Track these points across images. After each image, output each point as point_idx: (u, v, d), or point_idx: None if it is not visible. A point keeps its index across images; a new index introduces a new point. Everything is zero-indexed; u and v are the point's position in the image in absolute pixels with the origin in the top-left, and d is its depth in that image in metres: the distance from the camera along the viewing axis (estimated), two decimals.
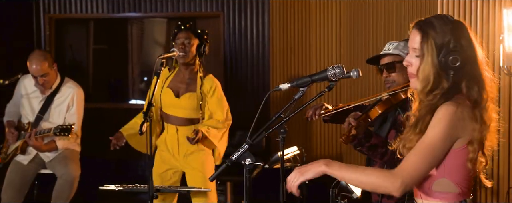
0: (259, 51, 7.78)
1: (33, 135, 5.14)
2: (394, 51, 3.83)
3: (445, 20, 2.50)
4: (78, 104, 5.42)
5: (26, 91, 5.46)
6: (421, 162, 2.41)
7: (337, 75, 2.96)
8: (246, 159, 3.04)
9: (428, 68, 2.48)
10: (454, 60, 2.45)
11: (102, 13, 8.18)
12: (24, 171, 5.36)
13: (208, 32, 4.98)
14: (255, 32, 7.79)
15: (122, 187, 4.64)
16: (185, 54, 4.78)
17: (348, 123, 3.69)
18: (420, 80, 2.50)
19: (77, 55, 8.74)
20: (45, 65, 5.24)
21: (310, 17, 7.27)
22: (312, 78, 2.99)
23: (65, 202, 5.29)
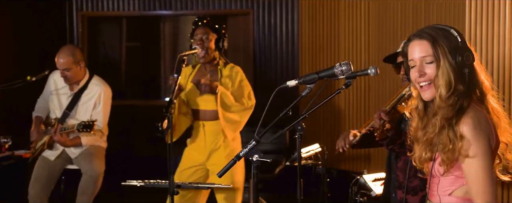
0: (288, 48, 7.80)
1: (58, 130, 5.21)
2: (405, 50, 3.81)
3: (437, 27, 2.56)
4: (105, 102, 5.47)
5: (56, 87, 5.53)
6: (490, 184, 2.45)
7: (344, 72, 2.95)
8: (254, 155, 3.05)
9: (446, 71, 2.48)
10: (468, 57, 2.48)
11: (135, 11, 8.27)
12: (51, 167, 5.43)
13: (239, 29, 4.98)
14: (284, 30, 7.81)
15: (144, 183, 4.69)
16: (205, 53, 4.82)
17: (380, 118, 3.68)
18: (443, 85, 2.49)
19: (110, 53, 8.85)
20: (69, 60, 5.30)
21: (339, 15, 7.24)
22: (319, 75, 2.99)
23: (90, 197, 5.35)
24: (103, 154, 5.53)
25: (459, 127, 2.44)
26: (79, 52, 5.42)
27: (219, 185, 4.71)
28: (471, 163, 2.44)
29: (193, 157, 4.95)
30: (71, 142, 5.33)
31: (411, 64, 2.58)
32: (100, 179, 5.36)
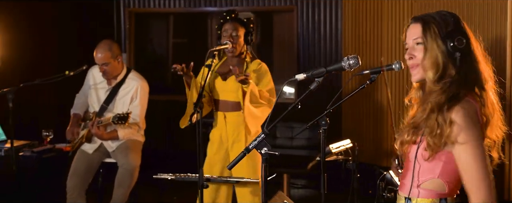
0: (332, 45, 7.78)
1: (95, 123, 5.32)
2: None
3: (441, 12, 2.52)
4: (142, 96, 5.54)
5: (94, 81, 5.64)
6: (485, 170, 2.39)
7: (352, 66, 2.97)
8: (263, 148, 3.07)
9: (434, 53, 2.46)
10: (459, 41, 2.44)
11: (182, 8, 8.37)
12: (89, 160, 5.54)
13: (283, 25, 4.99)
14: (328, 27, 7.80)
15: (174, 176, 4.77)
16: (234, 48, 4.84)
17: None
18: (429, 67, 2.47)
19: (157, 49, 8.96)
20: (107, 54, 5.40)
21: (382, 14, 7.19)
22: (327, 69, 3.01)
23: (126, 190, 5.44)
24: (139, 148, 5.61)
25: (450, 113, 2.39)
26: (116, 46, 5.51)
27: (248, 179, 4.74)
28: (462, 150, 2.38)
29: (217, 150, 4.96)
30: (108, 135, 5.42)
31: (406, 47, 2.59)
32: (136, 172, 5.45)
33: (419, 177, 2.50)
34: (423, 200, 2.49)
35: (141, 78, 5.65)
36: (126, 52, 8.64)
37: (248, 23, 4.96)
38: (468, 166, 2.38)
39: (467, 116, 2.37)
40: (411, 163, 2.52)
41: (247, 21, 4.95)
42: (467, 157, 2.37)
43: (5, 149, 5.54)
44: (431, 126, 2.41)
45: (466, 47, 2.45)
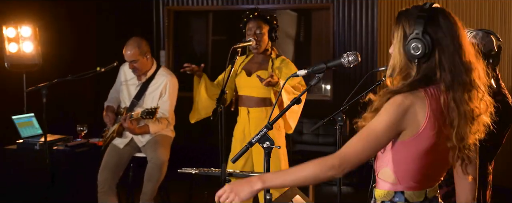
0: (367, 42, 7.77)
1: (127, 118, 5.44)
2: (471, 40, 3.74)
3: (420, 9, 2.46)
4: (171, 92, 5.64)
5: (125, 78, 5.77)
6: (361, 147, 2.36)
7: (351, 62, 2.99)
8: (265, 142, 3.13)
9: (395, 55, 2.46)
10: (415, 48, 2.40)
11: (220, 6, 8.45)
12: (120, 154, 5.66)
13: (321, 23, 5.03)
14: (363, 24, 7.78)
15: (198, 171, 4.84)
16: (258, 45, 4.90)
17: None
18: (388, 66, 2.49)
19: (196, 46, 9.07)
20: (136, 51, 5.51)
21: None
22: (327, 64, 3.03)
23: (155, 184, 5.54)
24: (168, 143, 5.71)
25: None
26: (145, 44, 5.61)
27: None
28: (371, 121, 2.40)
29: (241, 146, 5.02)
30: (140, 130, 5.53)
31: None
32: (165, 167, 5.54)
33: (376, 166, 2.53)
34: (379, 191, 2.53)
35: (171, 74, 5.75)
36: (165, 50, 8.78)
37: (272, 20, 5.01)
38: (364, 129, 2.40)
39: (397, 105, 2.36)
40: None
41: (270, 18, 5.00)
42: (369, 124, 2.39)
43: (40, 142, 5.68)
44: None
45: (437, 49, 2.40)
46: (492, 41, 3.74)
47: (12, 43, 7.11)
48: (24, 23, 7.09)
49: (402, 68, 2.45)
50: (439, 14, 2.43)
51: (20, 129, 5.92)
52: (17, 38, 7.11)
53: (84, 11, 8.33)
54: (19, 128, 5.92)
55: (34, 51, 7.12)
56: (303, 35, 8.66)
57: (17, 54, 7.12)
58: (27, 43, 7.11)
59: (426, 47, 2.37)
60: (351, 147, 2.37)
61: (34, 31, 7.09)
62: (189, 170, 4.89)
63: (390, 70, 2.48)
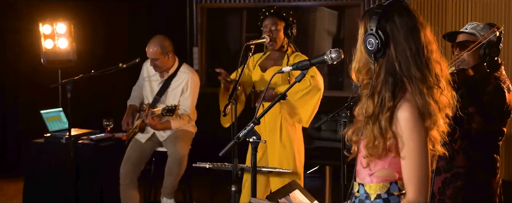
0: None
1: (149, 114, 5.55)
2: (470, 31, 3.78)
3: (378, 6, 2.50)
4: (192, 88, 5.74)
5: (148, 74, 5.89)
6: (425, 175, 2.44)
7: (334, 59, 3.03)
8: (252, 137, 3.20)
9: (357, 51, 2.53)
10: (369, 43, 2.45)
11: (254, 3, 8.52)
12: (142, 148, 5.79)
13: (352, 19, 5.05)
14: None
15: (212, 165, 4.93)
16: (273, 42, 4.95)
17: None
18: (354, 61, 2.55)
19: (230, 44, 9.15)
20: (157, 50, 5.61)
21: (446, 13, 7.17)
22: (311, 61, 3.10)
23: (175, 178, 5.66)
24: (189, 138, 5.81)
25: (390, 121, 2.43)
26: (168, 42, 5.70)
27: (280, 170, 4.83)
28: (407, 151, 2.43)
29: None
30: (161, 125, 5.63)
31: None
32: (184, 161, 5.65)
33: (371, 168, 2.55)
34: (374, 185, 2.55)
35: (192, 71, 5.85)
36: (198, 46, 8.89)
37: (288, 17, 5.05)
38: (410, 159, 2.43)
39: (416, 116, 2.41)
40: (363, 154, 2.57)
41: (286, 15, 5.05)
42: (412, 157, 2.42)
43: (66, 136, 5.85)
44: (368, 137, 2.47)
45: (379, 45, 2.43)
46: (493, 32, 3.75)
47: (48, 40, 7.32)
48: (60, 20, 7.29)
49: (363, 64, 2.51)
50: (395, 11, 2.46)
51: (48, 123, 6.11)
52: (52, 35, 7.32)
53: (117, 9, 8.50)
54: (47, 122, 6.10)
55: (69, 47, 7.31)
56: (337, 32, 8.68)
57: (52, 50, 7.33)
58: (62, 40, 7.31)
59: (380, 42, 2.42)
60: (418, 178, 2.42)
61: (69, 28, 7.28)
62: (203, 165, 4.97)
63: (354, 64, 2.55)
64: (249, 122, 3.21)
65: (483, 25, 3.81)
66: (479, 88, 3.69)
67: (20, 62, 8.04)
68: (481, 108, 3.63)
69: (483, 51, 3.70)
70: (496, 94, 3.67)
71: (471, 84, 3.69)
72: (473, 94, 3.68)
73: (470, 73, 3.69)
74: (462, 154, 3.73)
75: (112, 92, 8.08)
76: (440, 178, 3.78)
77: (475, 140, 3.69)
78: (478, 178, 3.73)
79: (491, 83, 3.69)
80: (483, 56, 3.72)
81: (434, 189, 3.78)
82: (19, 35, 7.88)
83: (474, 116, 3.62)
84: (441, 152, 2.57)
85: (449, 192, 3.74)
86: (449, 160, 3.76)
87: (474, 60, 3.76)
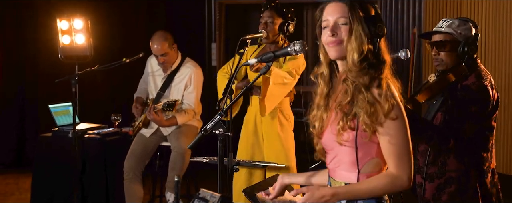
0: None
1: (152, 110, 5.57)
2: (446, 29, 3.71)
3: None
4: (196, 83, 5.74)
5: (152, 70, 5.91)
6: (407, 150, 2.46)
7: (297, 51, 2.99)
8: (218, 129, 3.17)
9: (359, 35, 2.47)
10: (380, 28, 2.48)
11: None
12: (146, 143, 5.81)
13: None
14: (411, 16, 7.67)
15: (208, 160, 4.92)
16: (266, 34, 4.92)
17: None
18: (355, 49, 2.48)
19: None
20: (165, 45, 5.63)
21: (461, 12, 7.10)
22: (275, 54, 3.06)
23: (179, 172, 5.65)
24: (193, 133, 5.80)
25: (381, 90, 2.45)
26: (170, 35, 5.72)
27: (275, 164, 4.80)
28: (393, 125, 2.43)
29: (251, 134, 5.04)
30: (168, 122, 5.64)
31: (324, 25, 2.57)
32: (187, 156, 5.64)
33: (359, 161, 2.51)
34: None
35: (195, 65, 5.85)
36: (216, 42, 8.89)
37: (287, 13, 5.02)
38: (397, 140, 2.43)
39: (395, 93, 2.47)
40: (348, 149, 2.52)
41: (286, 11, 5.02)
42: (397, 132, 2.43)
43: (72, 131, 5.89)
44: (364, 107, 2.44)
45: (383, 35, 2.50)
46: (469, 29, 3.69)
47: (65, 35, 7.40)
48: (77, 16, 7.36)
49: (367, 48, 2.52)
50: (375, 7, 2.57)
51: (56, 117, 6.17)
52: (70, 31, 7.40)
53: (135, 4, 8.55)
54: (55, 117, 6.17)
55: (86, 43, 7.38)
56: None
57: (70, 45, 7.41)
58: (80, 35, 7.38)
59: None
60: (408, 153, 2.47)
61: (86, 24, 7.35)
62: (200, 159, 4.97)
63: (358, 52, 2.53)
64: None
65: (458, 21, 3.72)
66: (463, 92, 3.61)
67: (38, 58, 8.16)
68: (469, 112, 3.55)
69: (461, 48, 3.63)
70: (481, 94, 3.58)
71: (454, 89, 3.62)
72: (459, 100, 3.60)
73: (451, 78, 3.61)
74: (453, 158, 3.66)
75: (124, 87, 8.13)
76: (434, 184, 3.71)
77: (467, 143, 3.61)
78: (471, 180, 3.65)
79: (474, 83, 3.60)
80: (462, 54, 3.64)
81: (428, 196, 3.72)
82: (37, 31, 8.01)
83: (464, 121, 3.56)
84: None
85: (444, 198, 3.68)
86: (441, 166, 3.69)
87: (452, 60, 3.68)
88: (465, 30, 3.66)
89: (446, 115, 3.62)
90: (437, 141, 3.54)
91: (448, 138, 3.54)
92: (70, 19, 7.35)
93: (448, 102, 3.62)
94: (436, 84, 3.63)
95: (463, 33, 3.65)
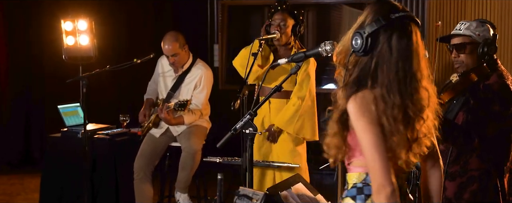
0: None
1: (164, 109, 5.60)
2: (465, 32, 3.78)
3: (388, 11, 2.44)
4: (205, 84, 5.78)
5: (163, 70, 5.95)
6: (381, 161, 2.36)
7: (328, 51, 3.05)
8: (248, 129, 3.22)
9: (346, 36, 2.53)
10: (354, 40, 2.43)
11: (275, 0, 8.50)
12: (156, 143, 5.85)
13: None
14: None
15: (222, 160, 4.96)
16: (280, 37, 4.96)
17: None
18: (339, 44, 2.56)
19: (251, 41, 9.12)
20: (176, 45, 5.66)
21: (466, 13, 7.17)
22: (306, 54, 3.12)
23: (189, 173, 5.69)
24: (203, 133, 5.85)
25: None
26: (181, 36, 5.76)
27: (289, 164, 4.86)
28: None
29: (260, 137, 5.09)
30: (175, 120, 5.68)
31: None
32: (198, 156, 5.68)
33: (348, 158, 2.56)
34: (352, 174, 2.56)
35: (206, 67, 5.89)
36: (218, 44, 8.92)
37: (298, 15, 5.07)
38: (365, 150, 2.40)
39: (358, 106, 2.39)
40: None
41: (297, 13, 5.07)
42: (362, 143, 2.40)
43: (82, 131, 5.91)
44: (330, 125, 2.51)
45: (361, 49, 2.43)
46: (488, 30, 3.76)
47: (69, 36, 7.40)
48: (81, 17, 7.37)
49: (343, 51, 2.54)
50: (397, 30, 2.41)
51: (65, 118, 6.19)
52: (74, 32, 7.39)
53: (138, 5, 8.58)
54: (64, 117, 6.19)
55: (90, 44, 7.38)
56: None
57: (74, 46, 7.39)
58: (84, 36, 7.38)
59: (363, 47, 2.40)
60: (374, 168, 2.37)
61: (90, 25, 7.35)
62: (214, 159, 5.02)
63: (339, 46, 2.57)
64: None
65: (475, 23, 3.80)
66: (485, 92, 3.67)
67: (43, 59, 8.18)
68: (493, 112, 3.62)
69: (481, 49, 3.70)
70: (504, 94, 3.66)
71: (476, 89, 3.69)
72: (481, 99, 3.67)
73: (474, 78, 3.69)
74: (476, 157, 3.72)
75: (132, 88, 8.16)
76: (456, 183, 3.77)
77: (489, 142, 3.68)
78: (492, 179, 3.72)
79: (496, 83, 3.67)
80: (482, 55, 3.71)
81: (449, 194, 3.77)
82: (42, 31, 8.02)
83: (487, 121, 3.63)
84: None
85: (466, 196, 3.74)
86: (463, 165, 3.75)
87: (473, 62, 3.76)
88: (483, 31, 3.73)
89: (469, 115, 3.68)
90: (462, 141, 3.61)
91: (472, 137, 3.60)
92: (75, 20, 7.35)
93: (470, 101, 3.69)
94: (459, 84, 3.70)
95: (482, 34, 3.73)
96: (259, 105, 3.27)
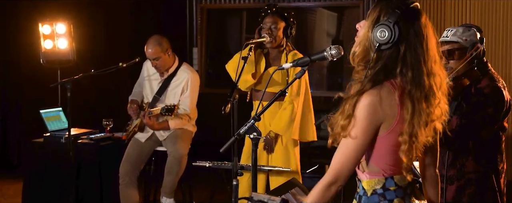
0: None
1: (146, 114, 5.55)
2: (452, 38, 3.82)
3: (402, 3, 2.48)
4: (192, 88, 5.74)
5: (148, 73, 5.89)
6: (346, 158, 2.44)
7: (334, 55, 3.03)
8: (252, 133, 3.20)
9: (361, 36, 2.52)
10: (381, 32, 2.43)
11: (254, 3, 8.52)
12: (141, 148, 5.79)
13: (351, 20, 5.08)
14: None
15: (212, 164, 4.92)
16: (272, 40, 4.95)
17: None
18: (355, 45, 2.54)
19: (230, 44, 9.15)
20: (158, 49, 5.62)
21: (445, 15, 7.23)
22: (311, 58, 3.10)
23: (175, 177, 5.65)
24: (189, 137, 5.81)
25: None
26: (165, 41, 5.72)
27: (280, 168, 4.85)
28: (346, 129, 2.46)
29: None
30: (159, 125, 5.64)
31: None
32: (184, 160, 5.64)
33: (361, 163, 2.56)
34: (369, 181, 2.55)
35: (192, 70, 5.85)
36: (198, 47, 8.89)
37: (289, 17, 5.06)
38: (345, 142, 2.46)
39: (368, 105, 2.42)
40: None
41: (288, 15, 5.05)
42: (348, 137, 2.45)
43: (65, 136, 5.84)
44: (337, 113, 2.51)
45: (403, 43, 2.44)
46: (474, 34, 3.80)
47: (47, 40, 7.34)
48: (59, 21, 7.30)
49: (363, 50, 2.51)
50: (416, 14, 2.48)
51: (47, 122, 6.10)
52: (52, 35, 7.34)
53: (118, 9, 8.50)
54: (46, 122, 6.10)
55: (69, 48, 7.33)
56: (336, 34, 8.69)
57: (52, 50, 7.35)
58: (62, 40, 7.32)
59: (392, 36, 2.41)
60: (339, 163, 2.46)
61: (69, 28, 7.30)
62: (203, 163, 4.98)
63: (354, 49, 2.55)
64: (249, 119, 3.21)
65: (461, 28, 3.84)
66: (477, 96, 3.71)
67: (21, 62, 8.06)
68: (486, 115, 3.66)
69: (470, 54, 3.73)
70: (496, 96, 3.69)
71: (468, 93, 3.72)
72: (474, 103, 3.70)
73: (466, 82, 3.72)
74: (472, 160, 3.75)
75: (113, 92, 8.08)
76: (453, 186, 3.79)
77: (484, 145, 3.72)
78: (489, 181, 3.75)
79: (488, 86, 3.71)
80: (472, 59, 3.74)
81: (449, 198, 3.80)
82: (20, 35, 7.90)
83: (481, 124, 3.67)
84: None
85: (465, 199, 3.76)
86: (459, 168, 3.78)
87: (463, 67, 3.78)
88: (470, 36, 3.78)
89: (463, 119, 3.71)
90: (457, 145, 3.65)
91: (468, 141, 3.65)
92: (53, 23, 7.29)
93: (463, 106, 3.72)
94: (451, 89, 3.72)
95: (469, 39, 3.77)
96: (263, 110, 3.26)
